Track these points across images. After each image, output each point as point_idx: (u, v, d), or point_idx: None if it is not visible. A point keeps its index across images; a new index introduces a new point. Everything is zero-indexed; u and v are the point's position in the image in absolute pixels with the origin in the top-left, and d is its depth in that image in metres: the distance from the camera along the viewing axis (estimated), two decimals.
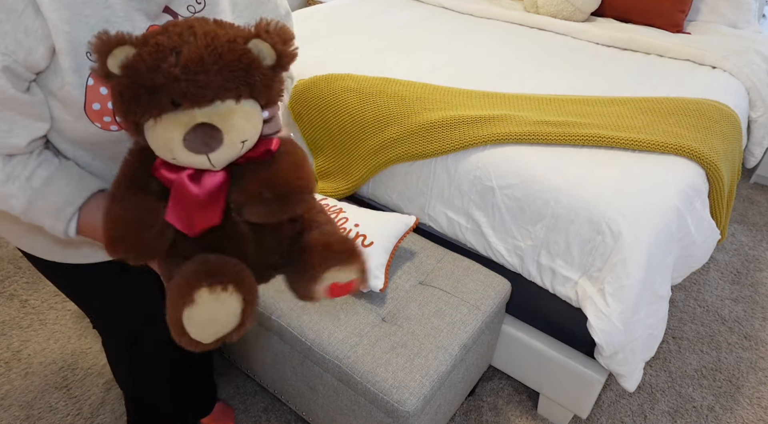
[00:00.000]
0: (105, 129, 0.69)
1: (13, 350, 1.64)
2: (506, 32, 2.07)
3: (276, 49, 0.57)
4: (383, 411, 1.08)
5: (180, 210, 0.60)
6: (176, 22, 0.58)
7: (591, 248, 1.15)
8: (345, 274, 0.67)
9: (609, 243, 1.12)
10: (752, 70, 1.80)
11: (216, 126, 0.55)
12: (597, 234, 1.13)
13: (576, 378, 1.32)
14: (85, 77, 0.64)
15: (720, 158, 1.29)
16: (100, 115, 0.67)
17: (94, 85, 0.65)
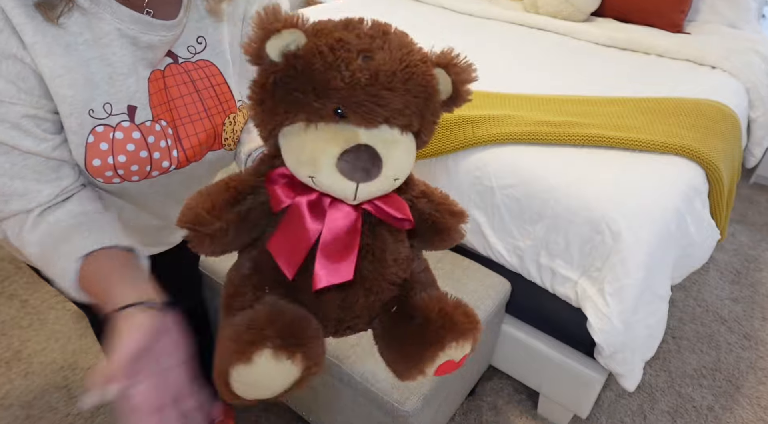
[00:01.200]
0: (107, 182, 0.67)
1: (13, 349, 1.64)
2: (506, 32, 2.07)
3: (456, 86, 0.51)
4: (383, 411, 1.09)
5: (290, 244, 0.49)
6: (363, 19, 0.50)
7: (591, 247, 1.15)
8: (463, 349, 0.58)
9: (609, 243, 1.12)
10: (752, 70, 1.80)
11: (378, 153, 0.45)
12: (597, 234, 1.13)
13: (576, 378, 1.32)
14: (85, 136, 0.63)
15: (720, 158, 1.29)
16: (101, 170, 0.66)
17: (93, 143, 0.64)
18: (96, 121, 0.63)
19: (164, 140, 0.69)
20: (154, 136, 0.68)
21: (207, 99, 0.72)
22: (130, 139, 0.66)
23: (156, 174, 0.71)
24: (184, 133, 0.71)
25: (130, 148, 0.66)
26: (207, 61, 0.72)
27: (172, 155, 0.70)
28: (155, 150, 0.68)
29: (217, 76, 0.73)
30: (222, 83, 0.73)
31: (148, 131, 0.67)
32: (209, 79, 0.72)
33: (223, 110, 0.75)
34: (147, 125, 0.67)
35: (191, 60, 0.71)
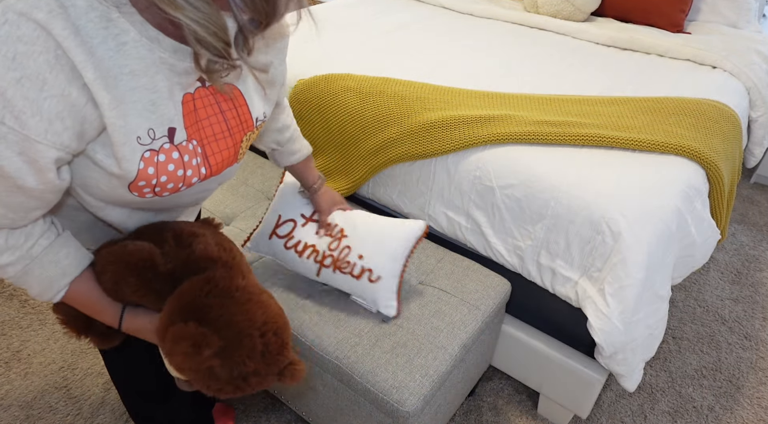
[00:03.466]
0: (141, 197, 0.71)
1: (12, 350, 1.64)
2: (506, 32, 2.07)
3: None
4: (383, 411, 1.08)
5: None
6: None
7: (591, 248, 1.15)
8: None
9: (609, 243, 1.11)
10: (752, 70, 1.80)
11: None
12: (597, 234, 1.13)
13: (576, 378, 1.32)
14: (137, 163, 0.65)
15: (720, 158, 1.29)
16: (141, 188, 0.69)
17: (144, 168, 0.66)
18: (143, 148, 0.65)
19: (195, 158, 0.73)
20: (189, 155, 0.72)
21: (230, 119, 0.77)
22: (171, 160, 0.69)
23: (183, 189, 0.74)
24: (210, 150, 0.75)
25: (170, 169, 0.70)
26: (231, 84, 0.76)
27: (201, 172, 0.75)
28: (189, 168, 0.72)
29: (239, 97, 0.77)
30: (243, 105, 0.78)
31: (184, 150, 0.71)
32: (232, 101, 0.76)
33: (242, 129, 0.79)
34: (183, 145, 0.70)
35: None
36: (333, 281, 1.16)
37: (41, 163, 0.58)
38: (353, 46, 1.81)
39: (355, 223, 1.18)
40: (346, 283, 1.15)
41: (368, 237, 1.16)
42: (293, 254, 1.18)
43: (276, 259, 1.22)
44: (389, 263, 1.14)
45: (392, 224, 1.18)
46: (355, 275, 1.13)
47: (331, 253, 1.15)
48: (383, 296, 1.15)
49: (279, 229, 1.19)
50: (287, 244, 1.18)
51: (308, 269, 1.17)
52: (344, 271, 1.14)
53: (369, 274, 1.13)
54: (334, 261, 1.14)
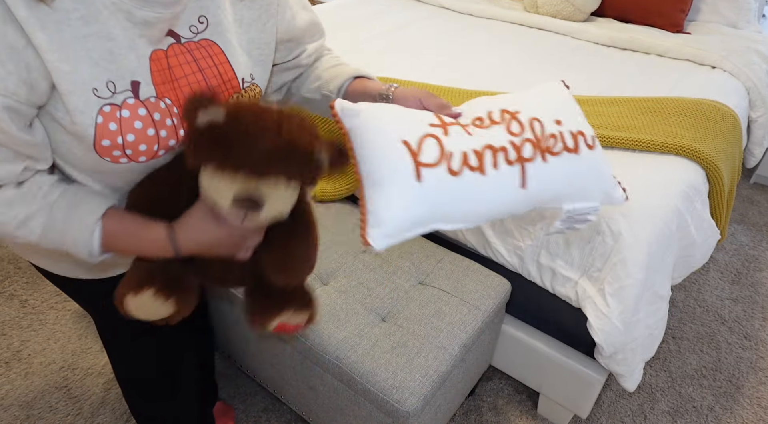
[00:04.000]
0: (114, 162, 0.68)
1: (13, 350, 1.64)
2: (506, 32, 2.07)
3: (331, 159, 0.66)
4: (383, 411, 1.08)
5: None
6: (268, 108, 0.63)
7: (591, 248, 1.15)
8: (297, 318, 0.82)
9: (609, 243, 1.12)
10: (752, 70, 1.80)
11: (260, 200, 0.62)
12: (597, 234, 1.13)
13: (576, 378, 1.32)
14: (93, 116, 0.63)
15: (720, 158, 1.29)
16: (109, 150, 0.66)
17: (102, 123, 0.63)
18: (102, 101, 0.63)
19: (170, 118, 0.69)
20: (160, 114, 0.68)
21: (211, 78, 0.73)
22: (137, 117, 0.66)
23: (162, 153, 0.71)
24: None
25: (137, 126, 0.66)
26: (209, 40, 0.72)
27: (179, 134, 0.71)
28: (162, 128, 0.69)
29: (220, 55, 0.73)
30: (224, 62, 0.74)
31: (154, 107, 0.67)
32: (212, 59, 0.72)
33: (226, 89, 0.75)
34: (152, 101, 0.67)
35: (193, 40, 0.71)
36: (548, 182, 0.75)
37: None
38: (353, 46, 1.81)
39: (502, 98, 0.81)
40: (565, 171, 0.76)
41: (539, 99, 0.81)
42: (471, 175, 0.70)
43: (441, 214, 0.72)
44: (582, 119, 0.82)
45: (531, 89, 0.86)
46: (572, 148, 0.76)
47: (521, 135, 0.74)
48: (606, 169, 0.81)
49: (421, 156, 0.69)
50: (452, 166, 0.69)
51: (505, 184, 0.73)
52: (556, 150, 0.75)
53: (583, 138, 0.78)
54: (535, 144, 0.74)
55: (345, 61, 0.94)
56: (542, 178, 0.74)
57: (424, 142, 0.69)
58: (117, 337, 1.04)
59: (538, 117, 0.76)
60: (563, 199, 0.79)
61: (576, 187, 0.78)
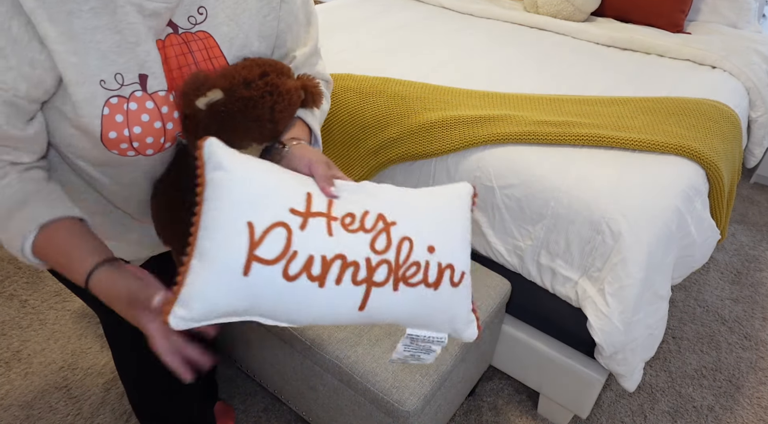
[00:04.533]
0: (122, 155, 0.68)
1: (12, 350, 1.64)
2: (506, 32, 2.07)
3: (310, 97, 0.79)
4: (383, 411, 1.08)
5: None
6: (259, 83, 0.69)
7: (591, 248, 1.15)
8: None
9: (609, 243, 1.12)
10: (752, 70, 1.80)
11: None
12: (597, 234, 1.13)
13: (576, 378, 1.32)
14: (100, 107, 0.63)
15: (720, 158, 1.29)
16: (116, 142, 0.66)
17: (108, 115, 0.63)
18: (109, 93, 0.63)
19: (177, 111, 0.70)
20: (168, 107, 0.68)
21: (207, 71, 0.73)
22: (145, 110, 0.66)
23: (169, 146, 0.71)
24: None
25: (144, 119, 0.66)
26: (206, 32, 0.71)
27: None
28: (168, 120, 0.69)
29: (215, 48, 0.73)
30: (219, 56, 0.73)
31: (162, 101, 0.68)
32: (207, 51, 0.72)
33: None
34: (161, 95, 0.67)
35: (191, 30, 0.70)
36: (390, 310, 0.67)
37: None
38: (353, 46, 1.81)
39: (388, 197, 0.71)
40: (414, 304, 0.68)
41: (423, 215, 0.70)
42: (307, 285, 0.62)
43: (261, 310, 0.63)
44: (466, 247, 0.73)
45: (431, 192, 0.75)
46: (432, 283, 0.68)
47: (382, 254, 0.65)
48: (463, 308, 0.73)
49: (260, 248, 0.59)
50: (289, 269, 0.61)
51: (341, 302, 0.64)
52: (413, 282, 0.66)
53: (450, 273, 0.69)
54: (392, 269, 0.65)
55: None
56: (386, 306, 0.66)
57: (271, 231, 0.60)
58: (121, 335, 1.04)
59: (411, 237, 0.67)
60: (405, 324, 0.71)
61: (423, 320, 0.70)
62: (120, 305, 0.64)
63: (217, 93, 0.67)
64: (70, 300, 1.81)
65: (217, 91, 0.67)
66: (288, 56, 0.85)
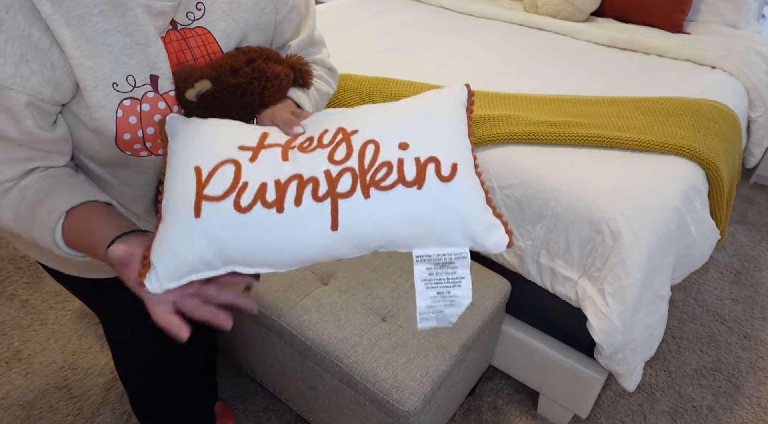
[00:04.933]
0: (135, 155, 0.69)
1: (13, 349, 1.64)
2: (506, 32, 2.07)
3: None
4: (383, 411, 1.09)
5: None
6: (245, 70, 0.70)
7: (591, 248, 1.15)
8: None
9: (609, 243, 1.12)
10: (752, 70, 1.80)
11: None
12: (597, 234, 1.13)
13: (576, 378, 1.32)
14: (113, 110, 0.63)
15: (720, 158, 1.29)
16: (130, 144, 0.67)
17: (122, 117, 0.64)
18: (122, 95, 0.64)
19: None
20: (178, 106, 0.69)
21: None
22: (158, 110, 0.67)
23: None
24: None
25: (157, 119, 0.67)
26: (204, 28, 0.72)
27: None
28: None
29: (213, 44, 0.73)
30: (217, 52, 0.74)
31: (173, 101, 0.68)
32: (206, 47, 0.72)
33: None
34: (171, 95, 0.68)
35: (189, 26, 0.70)
36: (371, 222, 0.58)
37: (15, 111, 0.58)
38: (353, 47, 1.81)
39: (355, 113, 0.65)
40: (399, 210, 0.57)
41: (393, 117, 0.63)
42: (263, 213, 0.56)
43: (231, 256, 0.58)
44: (454, 139, 0.62)
45: (411, 100, 0.67)
46: (411, 181, 0.57)
47: (343, 162, 0.58)
48: (471, 206, 0.59)
49: (207, 188, 0.57)
50: (240, 201, 0.56)
51: (308, 225, 0.57)
52: (386, 184, 0.57)
53: (435, 166, 0.58)
54: (356, 175, 0.57)
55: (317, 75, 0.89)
56: (364, 218, 0.57)
57: (219, 169, 0.57)
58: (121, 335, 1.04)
59: (375, 139, 0.59)
60: (405, 243, 0.60)
61: (423, 230, 0.59)
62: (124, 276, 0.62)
63: (205, 83, 0.67)
64: (71, 300, 1.82)
65: (205, 81, 0.67)
66: (285, 47, 0.85)
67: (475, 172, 0.62)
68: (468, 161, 0.61)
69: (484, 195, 0.61)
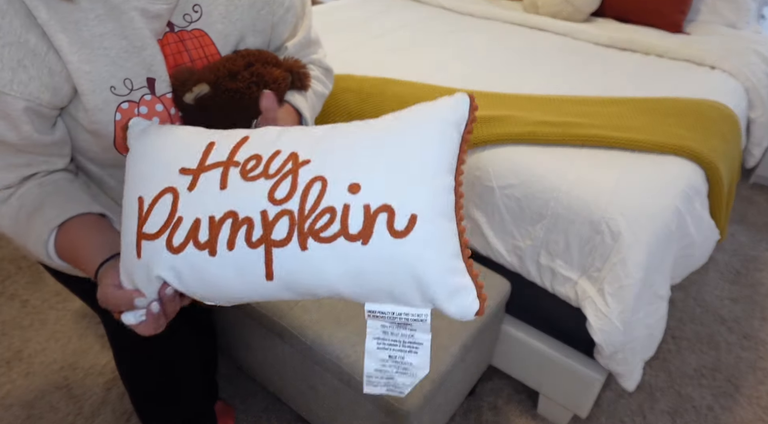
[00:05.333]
0: None
1: (14, 349, 1.64)
2: (506, 32, 2.07)
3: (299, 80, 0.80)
4: (383, 411, 1.09)
5: None
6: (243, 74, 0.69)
7: (591, 247, 1.15)
8: None
9: (609, 243, 1.12)
10: (751, 70, 1.80)
11: None
12: (597, 234, 1.13)
13: (576, 378, 1.32)
14: (112, 114, 0.64)
15: (719, 158, 1.29)
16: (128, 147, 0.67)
17: (121, 120, 0.65)
18: (120, 98, 0.64)
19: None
20: (175, 108, 0.70)
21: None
22: (155, 113, 0.67)
23: None
24: None
25: (156, 122, 0.67)
26: (201, 30, 0.72)
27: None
28: (176, 120, 0.70)
29: (210, 46, 0.73)
30: (215, 54, 0.74)
31: (171, 103, 0.69)
32: (203, 49, 0.72)
33: None
34: (168, 97, 0.68)
35: (186, 29, 0.71)
36: (309, 276, 0.52)
37: (14, 116, 0.58)
38: (353, 47, 1.81)
39: (319, 132, 0.57)
40: (339, 266, 0.51)
41: (356, 145, 0.54)
42: (196, 254, 0.53)
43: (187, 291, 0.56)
44: (422, 180, 0.52)
45: (399, 113, 0.57)
46: (353, 235, 0.50)
47: (284, 203, 0.52)
48: (430, 268, 0.51)
49: (146, 224, 0.55)
50: (173, 240, 0.53)
51: (243, 271, 0.53)
52: (326, 235, 0.51)
53: (387, 218, 0.50)
54: (294, 221, 0.51)
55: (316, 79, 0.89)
56: (300, 271, 0.51)
57: (159, 200, 0.54)
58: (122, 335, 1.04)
59: (325, 176, 0.51)
60: (354, 297, 0.54)
61: (367, 288, 0.52)
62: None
63: (203, 87, 0.67)
64: (71, 300, 1.82)
65: (204, 85, 0.67)
66: (282, 48, 0.85)
67: (456, 215, 0.53)
68: (438, 207, 0.52)
69: (457, 249, 0.53)
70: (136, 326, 0.57)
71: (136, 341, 1.05)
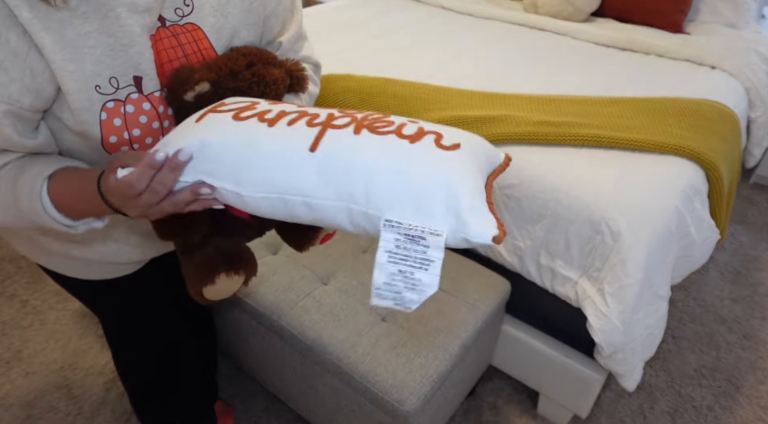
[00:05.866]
0: None
1: (13, 349, 1.64)
2: (506, 32, 2.07)
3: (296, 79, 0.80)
4: (383, 411, 1.09)
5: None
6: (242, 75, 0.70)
7: (590, 248, 1.15)
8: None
9: (608, 243, 1.12)
10: (751, 70, 1.80)
11: None
12: (596, 234, 1.13)
13: (576, 378, 1.32)
14: (97, 113, 0.62)
15: (719, 158, 1.29)
16: (117, 146, 0.66)
17: (107, 120, 0.63)
18: (105, 97, 0.63)
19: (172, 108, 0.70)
20: (164, 106, 0.69)
21: (195, 63, 0.72)
22: (142, 111, 0.66)
23: None
24: None
25: (142, 121, 0.66)
26: (194, 24, 0.71)
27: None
28: (166, 119, 0.69)
29: (204, 40, 0.72)
30: (208, 48, 0.73)
31: (159, 101, 0.68)
32: (197, 44, 0.71)
33: None
34: (156, 95, 0.67)
35: (179, 23, 0.70)
36: (350, 155, 0.54)
37: None
38: (353, 47, 1.81)
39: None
40: (383, 153, 0.54)
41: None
42: (254, 124, 0.57)
43: (194, 164, 0.57)
44: (457, 135, 0.59)
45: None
46: (407, 135, 0.55)
47: (348, 114, 0.60)
48: (462, 181, 0.53)
49: (222, 107, 0.62)
50: (241, 114, 0.59)
51: (290, 140, 0.56)
52: (382, 130, 0.56)
53: (435, 136, 0.56)
54: (355, 119, 0.58)
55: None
56: (342, 148, 0.53)
57: (239, 102, 0.64)
58: (123, 337, 1.04)
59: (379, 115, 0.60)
60: (379, 196, 0.53)
61: (397, 182, 0.52)
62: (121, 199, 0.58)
63: (204, 86, 0.67)
64: (71, 300, 1.82)
65: (205, 83, 0.67)
66: (274, 42, 0.85)
67: (486, 187, 0.57)
68: (476, 156, 0.58)
69: (482, 189, 0.55)
70: (130, 177, 0.55)
71: (134, 341, 1.05)
